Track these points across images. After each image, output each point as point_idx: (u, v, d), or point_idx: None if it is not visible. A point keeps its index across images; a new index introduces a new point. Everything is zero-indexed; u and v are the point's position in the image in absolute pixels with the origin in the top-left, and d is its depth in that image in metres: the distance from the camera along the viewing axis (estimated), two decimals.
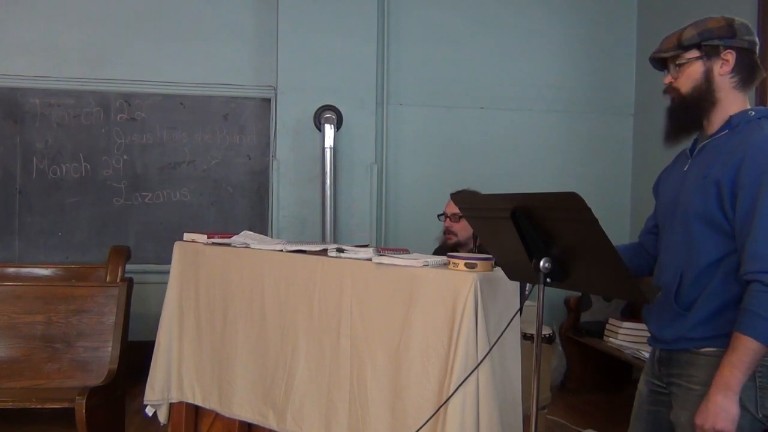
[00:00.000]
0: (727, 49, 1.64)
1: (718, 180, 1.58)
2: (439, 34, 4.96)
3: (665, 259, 1.75)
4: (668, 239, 1.74)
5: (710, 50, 1.64)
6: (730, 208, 1.56)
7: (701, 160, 1.67)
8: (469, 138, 4.98)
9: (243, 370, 2.47)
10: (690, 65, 1.66)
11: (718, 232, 1.60)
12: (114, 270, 3.57)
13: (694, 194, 1.64)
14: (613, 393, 4.60)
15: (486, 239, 1.93)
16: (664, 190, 1.82)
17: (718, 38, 1.64)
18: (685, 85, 1.68)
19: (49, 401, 3.08)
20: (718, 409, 1.52)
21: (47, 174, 4.67)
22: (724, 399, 1.52)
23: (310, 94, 4.63)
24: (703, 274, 1.62)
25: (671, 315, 1.68)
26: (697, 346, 1.64)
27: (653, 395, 1.80)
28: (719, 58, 1.64)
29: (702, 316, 1.62)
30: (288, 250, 2.40)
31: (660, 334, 1.74)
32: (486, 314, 1.83)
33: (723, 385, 1.53)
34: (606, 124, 5.16)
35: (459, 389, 1.78)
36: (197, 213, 4.81)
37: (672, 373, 1.71)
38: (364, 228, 4.72)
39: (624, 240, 2.03)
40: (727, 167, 1.57)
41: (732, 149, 1.59)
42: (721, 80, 1.65)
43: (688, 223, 1.65)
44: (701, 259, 1.62)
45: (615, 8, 5.15)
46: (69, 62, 4.67)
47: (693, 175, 1.68)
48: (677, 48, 1.67)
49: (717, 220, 1.59)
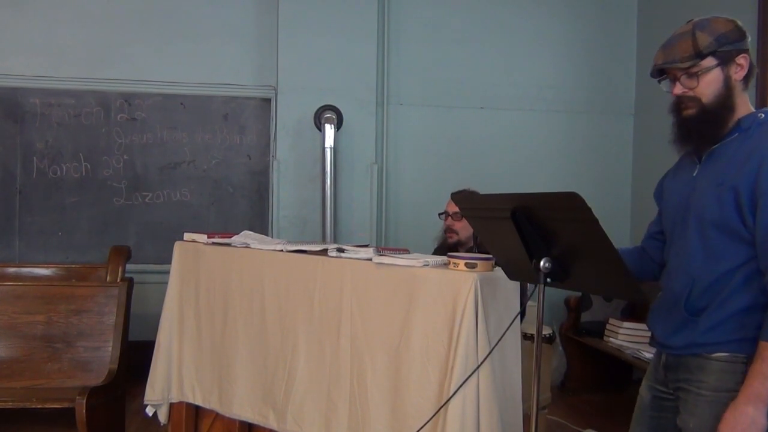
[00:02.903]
0: (741, 53, 1.60)
1: (735, 186, 1.53)
2: (439, 34, 4.96)
3: (676, 265, 1.70)
4: (679, 246, 1.68)
5: (726, 55, 1.59)
6: (750, 215, 1.51)
7: (712, 165, 1.62)
8: (469, 138, 4.98)
9: (243, 370, 2.47)
10: (709, 73, 1.59)
11: (736, 240, 1.55)
12: (114, 270, 3.57)
13: (709, 201, 1.59)
14: (613, 393, 4.59)
15: (486, 239, 1.93)
16: (671, 196, 1.77)
17: (731, 43, 1.59)
18: (706, 94, 1.60)
19: (50, 401, 3.08)
20: (748, 420, 1.47)
21: (47, 174, 4.67)
22: (755, 411, 1.47)
23: (310, 94, 4.63)
24: (718, 281, 1.58)
25: (680, 321, 1.64)
26: (709, 351, 1.59)
27: (656, 401, 1.76)
28: (734, 63, 1.60)
29: (713, 321, 1.58)
30: (288, 250, 2.40)
31: (667, 341, 1.69)
32: (486, 314, 1.83)
33: (754, 395, 1.47)
34: (606, 124, 5.16)
35: (459, 389, 1.77)
36: (197, 213, 4.81)
37: (680, 378, 1.67)
38: (364, 228, 4.72)
39: (624, 240, 2.04)
40: (744, 173, 1.52)
41: (747, 154, 1.55)
42: (736, 86, 1.61)
43: (704, 230, 1.60)
44: (719, 266, 1.58)
45: (615, 8, 5.15)
46: (69, 62, 4.66)
47: (705, 181, 1.62)
48: (695, 57, 1.58)
49: (735, 227, 1.54)
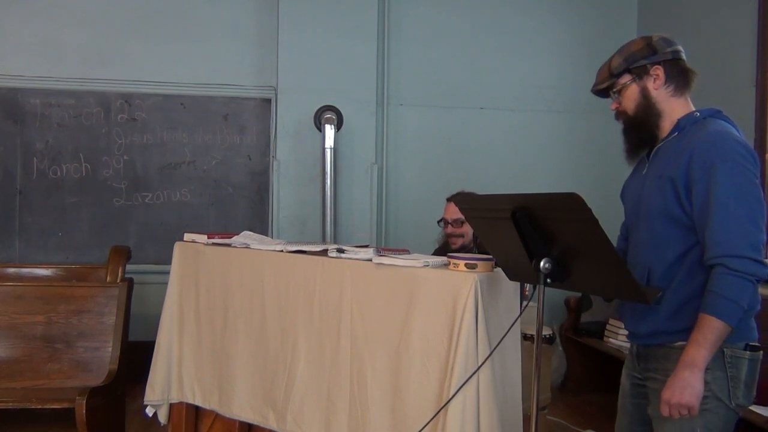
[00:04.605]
0: (654, 65, 1.78)
1: (672, 177, 1.69)
2: (439, 34, 4.96)
3: (633, 257, 1.84)
4: (635, 238, 1.85)
5: (639, 71, 1.79)
6: (687, 201, 1.67)
7: (657, 162, 1.80)
8: (469, 138, 4.98)
9: (243, 370, 2.47)
10: (626, 89, 1.81)
11: (679, 227, 1.70)
12: (114, 270, 3.57)
13: (654, 193, 1.75)
14: (613, 393, 4.51)
15: (486, 240, 1.94)
16: (629, 194, 1.94)
17: (642, 58, 1.78)
18: (628, 107, 1.82)
19: (49, 401, 3.08)
20: (684, 384, 1.59)
21: (47, 174, 4.68)
22: (690, 375, 1.59)
23: (310, 95, 4.63)
24: (669, 269, 1.72)
25: (642, 310, 1.77)
26: (672, 341, 1.72)
27: (635, 388, 1.90)
28: (650, 75, 1.79)
29: (672, 308, 1.71)
30: (288, 250, 2.40)
31: (635, 329, 1.84)
32: (486, 315, 1.83)
33: (689, 362, 1.60)
34: (606, 125, 5.08)
35: (459, 390, 1.77)
36: (197, 213, 4.81)
37: (649, 367, 1.80)
38: (364, 228, 4.71)
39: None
40: (679, 164, 1.69)
41: (682, 148, 1.71)
42: (657, 93, 1.79)
43: (651, 220, 1.76)
44: (667, 254, 1.72)
45: (615, 8, 5.15)
46: (69, 62, 4.67)
47: (651, 176, 1.80)
48: (610, 77, 1.82)
49: (676, 214, 1.69)
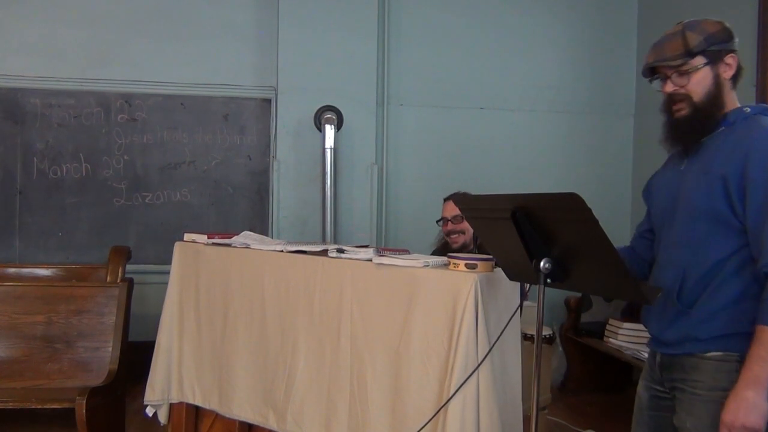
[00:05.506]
0: (729, 53, 1.65)
1: (723, 175, 1.56)
2: (439, 34, 4.96)
3: (665, 259, 1.73)
4: (669, 238, 1.72)
5: (714, 55, 1.64)
6: (739, 202, 1.55)
7: (700, 157, 1.66)
8: (470, 138, 4.98)
9: (243, 370, 2.47)
10: (699, 72, 1.64)
11: (725, 228, 1.58)
12: (114, 270, 3.57)
13: (697, 191, 1.63)
14: (613, 393, 4.59)
15: (486, 240, 1.93)
16: (659, 192, 1.81)
17: (722, 42, 1.64)
18: (696, 92, 1.65)
19: (49, 401, 3.07)
20: (749, 404, 1.46)
21: (48, 174, 4.67)
22: (754, 395, 1.46)
23: (310, 95, 4.63)
24: (709, 272, 1.60)
25: (673, 314, 1.66)
26: (702, 350, 1.61)
27: (654, 400, 1.78)
28: (723, 63, 1.65)
29: (706, 313, 1.60)
30: (288, 250, 2.40)
31: (662, 335, 1.71)
32: (486, 315, 1.82)
33: (752, 379, 1.47)
34: (606, 124, 5.16)
35: (459, 389, 1.77)
36: (197, 213, 4.81)
37: (675, 378, 1.69)
38: (364, 228, 4.71)
39: (624, 240, 2.02)
40: (732, 161, 1.56)
41: (734, 144, 1.59)
42: (725, 84, 1.66)
43: (692, 219, 1.63)
44: (709, 256, 1.60)
45: (615, 8, 5.15)
46: (69, 62, 4.66)
47: (692, 172, 1.66)
48: (685, 55, 1.64)
49: (724, 216, 1.57)
